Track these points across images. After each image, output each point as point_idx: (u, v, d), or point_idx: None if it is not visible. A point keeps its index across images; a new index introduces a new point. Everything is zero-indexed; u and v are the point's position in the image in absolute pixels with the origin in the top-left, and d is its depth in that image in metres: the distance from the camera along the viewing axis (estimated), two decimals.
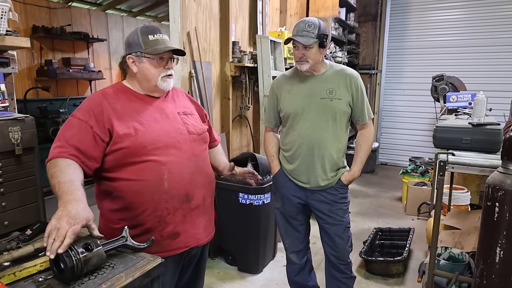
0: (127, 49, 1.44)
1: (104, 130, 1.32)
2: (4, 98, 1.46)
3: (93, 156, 1.31)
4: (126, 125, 1.35)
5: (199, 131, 1.55)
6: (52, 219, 1.06)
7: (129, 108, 1.40)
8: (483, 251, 1.54)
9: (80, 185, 1.19)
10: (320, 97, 1.95)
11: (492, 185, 1.49)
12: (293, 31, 1.93)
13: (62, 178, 1.18)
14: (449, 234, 2.79)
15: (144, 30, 1.42)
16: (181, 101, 1.60)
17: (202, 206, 1.51)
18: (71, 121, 1.34)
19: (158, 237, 1.38)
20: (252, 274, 2.90)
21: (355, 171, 2.05)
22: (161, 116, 1.45)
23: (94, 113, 1.34)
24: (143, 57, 1.40)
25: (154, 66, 1.42)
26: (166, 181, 1.37)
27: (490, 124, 2.06)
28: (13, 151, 1.37)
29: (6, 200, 1.37)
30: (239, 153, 3.59)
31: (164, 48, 1.41)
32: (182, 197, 1.42)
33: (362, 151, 2.07)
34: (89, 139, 1.30)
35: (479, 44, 5.48)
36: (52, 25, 5.34)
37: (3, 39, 1.46)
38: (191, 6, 2.96)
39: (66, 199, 1.11)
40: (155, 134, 1.39)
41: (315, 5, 4.94)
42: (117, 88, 1.47)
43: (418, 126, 6.07)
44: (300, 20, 1.94)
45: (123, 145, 1.33)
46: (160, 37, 1.43)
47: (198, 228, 1.50)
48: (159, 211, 1.38)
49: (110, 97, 1.40)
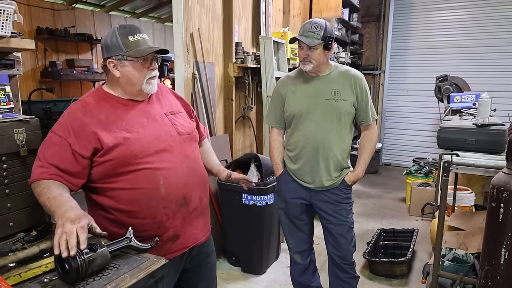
0: (106, 53, 1.35)
1: (84, 146, 1.27)
2: (9, 100, 1.46)
3: (75, 173, 1.27)
4: (114, 135, 1.30)
5: (189, 130, 1.50)
6: (56, 231, 1.06)
7: (114, 117, 1.34)
8: (488, 252, 1.53)
9: (70, 196, 1.18)
10: (325, 98, 1.96)
11: (497, 186, 1.48)
12: (300, 30, 1.94)
13: (51, 194, 1.17)
14: (453, 235, 2.78)
15: (122, 31, 1.34)
16: (166, 100, 1.54)
17: (200, 207, 1.50)
18: (51, 138, 1.29)
19: (158, 242, 1.35)
20: (256, 274, 2.90)
21: (359, 172, 2.05)
22: (149, 120, 1.40)
23: (72, 128, 1.28)
24: (125, 60, 1.33)
25: (138, 69, 1.35)
26: (163, 187, 1.35)
27: (495, 125, 2.05)
28: (18, 152, 1.37)
29: (11, 201, 1.38)
30: (242, 154, 3.59)
31: (147, 49, 1.34)
32: (180, 201, 1.40)
33: (366, 152, 2.07)
34: (68, 157, 1.26)
35: (483, 44, 5.45)
36: (56, 26, 5.38)
37: (8, 41, 1.47)
38: (195, 7, 2.96)
39: (60, 211, 1.11)
40: (145, 141, 1.34)
41: (318, 6, 4.93)
42: (98, 95, 1.39)
43: (422, 126, 6.05)
44: (307, 21, 1.95)
45: (113, 156, 1.29)
46: (140, 37, 1.35)
47: (196, 229, 1.50)
48: (158, 217, 1.36)
49: (92, 108, 1.33)
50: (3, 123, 1.34)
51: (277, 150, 2.16)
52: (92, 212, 1.40)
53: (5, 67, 1.59)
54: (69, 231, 1.04)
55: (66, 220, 1.07)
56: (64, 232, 1.04)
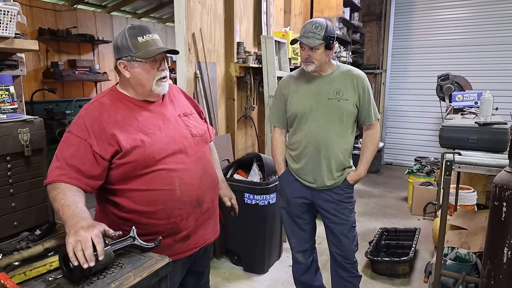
0: (117, 54, 1.35)
1: (104, 147, 1.27)
2: (13, 100, 1.47)
3: (95, 175, 1.27)
4: (131, 137, 1.30)
5: (201, 132, 1.51)
6: (68, 239, 1.03)
7: (130, 118, 1.34)
8: (491, 251, 1.54)
9: (84, 207, 1.17)
10: (327, 97, 1.96)
11: (499, 184, 1.48)
12: (301, 31, 1.94)
13: (65, 201, 1.16)
14: (455, 234, 2.78)
15: (132, 32, 1.33)
16: (179, 101, 1.55)
17: (212, 208, 1.52)
18: (69, 139, 1.28)
19: (171, 242, 1.37)
20: (258, 274, 2.91)
21: (361, 171, 2.05)
22: (164, 122, 1.40)
23: (92, 129, 1.27)
24: (134, 61, 1.32)
25: (147, 70, 1.34)
26: (178, 188, 1.36)
27: (497, 124, 2.05)
28: (22, 152, 1.38)
29: (16, 201, 1.38)
30: (244, 153, 3.60)
31: (156, 50, 1.33)
32: (194, 202, 1.41)
33: (368, 151, 2.07)
34: (89, 158, 1.25)
35: (485, 42, 5.45)
36: (58, 27, 5.40)
37: (12, 42, 1.48)
38: (196, 8, 2.97)
39: (72, 222, 1.09)
40: (162, 143, 1.35)
41: (319, 5, 4.93)
42: (113, 96, 1.39)
43: (424, 125, 6.05)
44: (308, 21, 1.95)
45: (131, 158, 1.29)
46: (150, 38, 1.34)
47: (207, 229, 1.52)
48: (173, 218, 1.37)
49: (109, 109, 1.33)
50: (8, 123, 1.34)
51: (279, 149, 2.16)
52: (103, 212, 1.41)
53: (9, 67, 1.60)
54: (83, 239, 1.02)
55: (79, 228, 1.05)
56: (79, 240, 1.02)
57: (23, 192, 1.41)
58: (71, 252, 1.01)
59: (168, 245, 1.36)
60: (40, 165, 1.47)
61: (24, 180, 1.41)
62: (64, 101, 5.08)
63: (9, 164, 1.35)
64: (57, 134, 4.29)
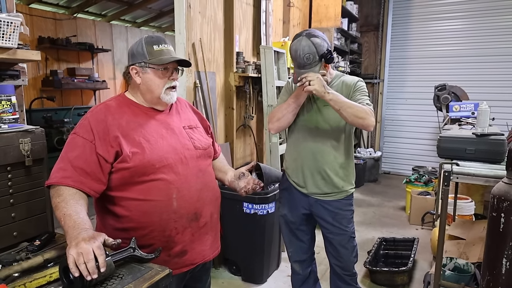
0: (131, 60, 1.39)
1: (108, 150, 1.27)
2: (15, 110, 1.48)
3: (99, 178, 1.27)
4: (133, 142, 1.31)
5: (205, 145, 1.50)
6: (69, 251, 1.02)
7: (134, 124, 1.35)
8: (489, 262, 1.54)
9: (85, 216, 1.17)
10: (323, 105, 1.95)
11: (497, 195, 1.49)
12: (294, 64, 1.86)
13: (68, 210, 1.15)
14: (453, 244, 2.78)
15: (148, 40, 1.38)
16: (185, 114, 1.55)
17: (210, 223, 1.48)
18: (75, 140, 1.28)
19: (165, 257, 1.34)
20: (257, 284, 2.89)
21: (327, 91, 1.76)
22: (167, 131, 1.41)
23: (97, 131, 1.28)
24: (147, 68, 1.36)
25: (159, 77, 1.37)
26: (175, 201, 1.34)
27: (494, 135, 2.07)
28: (23, 162, 1.38)
29: (15, 211, 1.38)
30: (243, 162, 3.61)
31: (169, 58, 1.37)
32: (191, 216, 1.39)
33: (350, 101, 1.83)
34: (94, 160, 1.25)
35: (481, 53, 5.51)
36: (58, 36, 5.43)
37: (15, 52, 1.48)
38: (196, 18, 3.00)
39: (74, 234, 1.08)
40: (163, 151, 1.34)
41: (317, 16, 4.99)
42: (120, 100, 1.41)
43: (421, 135, 6.08)
44: (294, 49, 1.81)
45: (130, 164, 1.28)
46: (165, 48, 1.38)
47: (205, 245, 1.48)
48: (168, 231, 1.35)
49: (114, 112, 1.35)
50: (9, 133, 1.35)
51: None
52: (102, 221, 1.40)
53: (10, 77, 1.60)
54: (85, 251, 1.01)
55: (80, 240, 1.04)
56: (80, 253, 1.01)
57: (23, 202, 1.41)
58: (72, 263, 1.01)
59: (163, 261, 1.32)
60: (41, 175, 1.47)
61: (24, 190, 1.41)
62: (62, 109, 5.08)
63: (10, 174, 1.35)
64: (56, 143, 4.28)
